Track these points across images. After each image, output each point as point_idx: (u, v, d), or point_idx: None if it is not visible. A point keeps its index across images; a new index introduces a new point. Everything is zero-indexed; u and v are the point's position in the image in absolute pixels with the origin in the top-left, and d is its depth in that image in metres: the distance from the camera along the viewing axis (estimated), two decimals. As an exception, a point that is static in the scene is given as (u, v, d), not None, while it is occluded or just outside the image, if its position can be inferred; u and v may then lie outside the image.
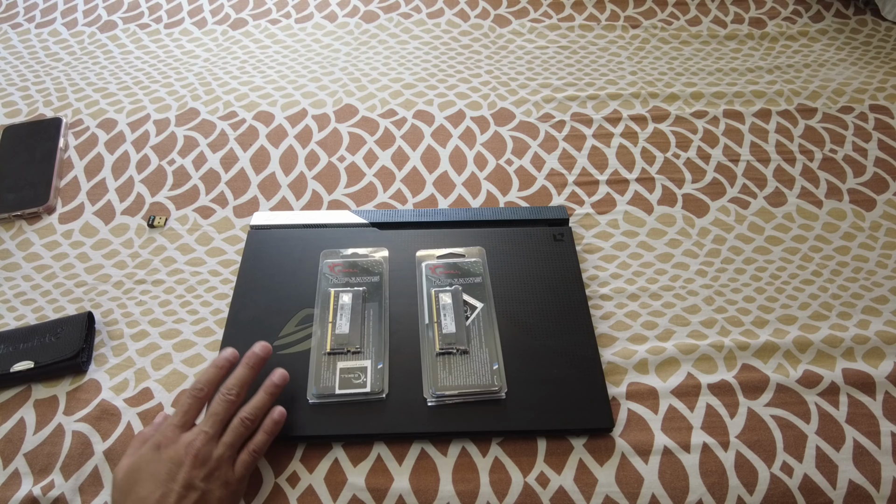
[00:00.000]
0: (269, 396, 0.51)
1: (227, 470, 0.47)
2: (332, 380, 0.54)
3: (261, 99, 0.85)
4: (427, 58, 0.93)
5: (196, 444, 0.46)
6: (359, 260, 0.63)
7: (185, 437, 0.47)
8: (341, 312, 0.59)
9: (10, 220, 0.71)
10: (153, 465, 0.45)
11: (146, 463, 0.45)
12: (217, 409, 0.48)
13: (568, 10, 1.01)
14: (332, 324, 0.58)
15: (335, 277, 0.62)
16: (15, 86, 0.87)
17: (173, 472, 0.44)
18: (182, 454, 0.45)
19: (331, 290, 0.61)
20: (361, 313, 0.59)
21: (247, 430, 0.49)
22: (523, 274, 0.63)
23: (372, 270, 0.62)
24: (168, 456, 0.45)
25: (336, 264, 0.63)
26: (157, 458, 0.45)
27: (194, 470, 0.45)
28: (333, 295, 0.60)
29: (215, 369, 0.51)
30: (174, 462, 0.45)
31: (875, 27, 0.99)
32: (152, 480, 0.44)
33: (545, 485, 0.51)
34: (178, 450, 0.46)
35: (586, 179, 0.75)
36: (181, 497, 0.43)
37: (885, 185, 0.74)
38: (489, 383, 0.54)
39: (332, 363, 0.56)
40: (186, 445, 0.46)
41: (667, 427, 0.54)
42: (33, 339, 0.58)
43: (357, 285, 0.61)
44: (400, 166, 0.77)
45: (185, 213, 0.71)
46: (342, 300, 0.60)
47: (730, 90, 0.87)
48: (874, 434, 0.53)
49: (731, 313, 0.62)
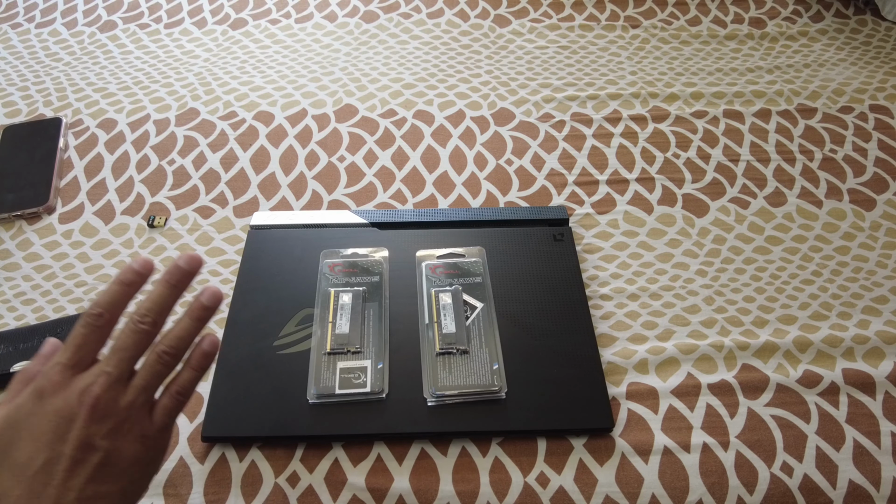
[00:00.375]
0: (196, 322, 0.38)
1: (142, 420, 0.36)
2: (333, 380, 0.54)
3: (261, 99, 0.85)
4: (427, 58, 0.93)
5: (94, 391, 0.34)
6: (359, 260, 0.63)
7: (79, 381, 0.34)
8: (341, 312, 0.59)
9: (10, 220, 0.71)
10: (34, 420, 0.33)
11: (25, 416, 0.33)
12: (125, 343, 0.36)
13: (568, 10, 1.01)
14: (332, 324, 0.58)
15: (335, 277, 0.62)
16: (15, 86, 0.87)
17: (62, 430, 0.33)
18: (74, 405, 0.34)
19: (331, 289, 0.61)
20: (361, 313, 0.59)
21: (166, 369, 0.37)
22: (523, 274, 0.63)
23: (372, 270, 0.62)
24: (55, 408, 0.33)
25: (336, 264, 0.63)
26: (39, 411, 0.33)
27: (93, 425, 0.33)
28: (333, 295, 0.60)
29: (120, 287, 0.36)
30: (63, 416, 0.33)
31: (875, 27, 0.99)
32: (33, 441, 0.33)
33: (545, 485, 0.51)
34: (68, 399, 0.34)
35: (586, 179, 0.75)
36: (76, 462, 0.33)
37: (885, 185, 0.74)
38: (489, 383, 0.54)
39: (332, 363, 0.56)
40: (80, 393, 0.34)
41: (667, 427, 0.54)
42: (33, 339, 0.58)
43: (357, 285, 0.61)
44: (400, 166, 0.77)
45: (185, 213, 0.71)
46: (342, 300, 0.60)
47: (730, 90, 0.87)
48: (874, 434, 0.53)
49: (731, 313, 0.62)
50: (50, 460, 0.32)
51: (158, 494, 0.50)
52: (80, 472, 0.33)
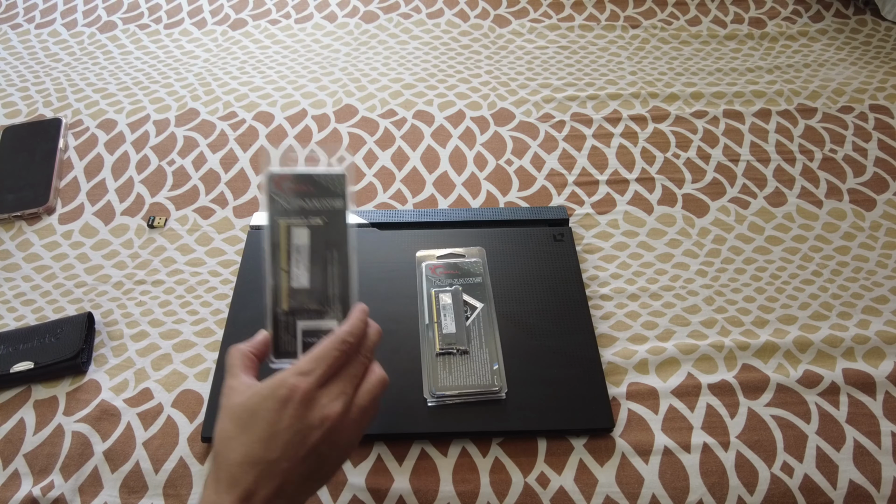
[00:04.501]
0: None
1: (358, 430, 0.42)
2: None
3: (260, 99, 0.85)
4: (427, 58, 0.93)
5: (333, 415, 0.39)
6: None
7: (322, 400, 0.40)
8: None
9: (9, 221, 0.71)
10: (277, 422, 0.38)
11: (268, 413, 0.39)
12: (357, 371, 0.42)
13: (568, 10, 1.01)
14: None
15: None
16: (15, 86, 0.87)
17: (298, 440, 0.39)
18: (316, 424, 0.39)
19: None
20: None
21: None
22: (523, 274, 0.63)
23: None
24: (298, 424, 0.39)
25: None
26: (284, 417, 0.38)
27: (322, 444, 0.39)
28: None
29: (363, 320, 0.44)
30: (302, 432, 0.39)
31: (875, 27, 0.99)
32: (271, 438, 0.38)
33: (545, 485, 0.51)
34: (311, 419, 0.39)
35: (586, 179, 0.75)
36: (299, 465, 0.39)
37: (885, 184, 0.74)
38: (489, 383, 0.54)
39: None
40: (322, 418, 0.39)
41: (667, 427, 0.54)
42: (33, 339, 0.58)
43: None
44: (400, 166, 0.77)
45: (185, 214, 0.71)
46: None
47: (730, 90, 0.87)
48: (874, 434, 0.53)
49: (732, 313, 0.62)
50: (279, 459, 0.38)
51: (158, 494, 0.50)
52: (302, 470, 0.39)
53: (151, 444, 0.53)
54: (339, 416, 0.40)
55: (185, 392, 0.56)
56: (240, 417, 0.39)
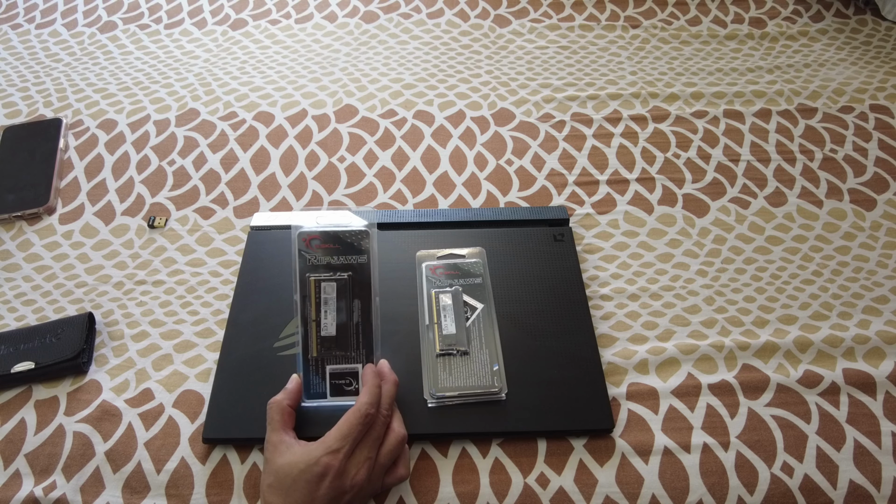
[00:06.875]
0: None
1: (377, 484, 0.48)
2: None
3: (261, 99, 0.85)
4: (427, 58, 0.93)
5: (359, 480, 0.45)
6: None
7: (351, 469, 0.46)
8: (325, 309, 0.58)
9: (10, 221, 0.71)
10: (316, 489, 0.44)
11: (309, 480, 0.45)
12: (379, 433, 0.48)
13: (568, 10, 1.01)
14: (315, 322, 0.57)
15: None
16: (15, 86, 0.87)
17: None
18: (347, 488, 0.45)
19: (310, 276, 0.60)
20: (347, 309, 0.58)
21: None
22: (523, 274, 0.63)
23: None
24: (332, 491, 0.45)
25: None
26: (322, 485, 0.45)
27: (353, 497, 0.46)
28: (314, 284, 0.60)
29: (379, 387, 0.49)
30: (335, 498, 0.45)
31: (875, 27, 0.99)
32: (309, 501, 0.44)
33: (545, 485, 0.51)
34: (342, 486, 0.45)
35: (586, 179, 0.75)
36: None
37: (886, 184, 0.74)
38: (489, 384, 0.54)
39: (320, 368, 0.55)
40: (352, 485, 0.45)
41: (667, 427, 0.54)
42: (34, 339, 0.58)
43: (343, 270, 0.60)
44: (400, 166, 0.77)
45: (186, 214, 0.71)
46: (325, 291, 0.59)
47: (730, 90, 0.87)
48: (875, 434, 0.53)
49: (732, 313, 0.62)
50: None
51: (161, 495, 0.50)
52: None
53: (153, 445, 0.53)
54: (365, 479, 0.46)
55: (185, 392, 0.56)
56: (282, 482, 0.45)
